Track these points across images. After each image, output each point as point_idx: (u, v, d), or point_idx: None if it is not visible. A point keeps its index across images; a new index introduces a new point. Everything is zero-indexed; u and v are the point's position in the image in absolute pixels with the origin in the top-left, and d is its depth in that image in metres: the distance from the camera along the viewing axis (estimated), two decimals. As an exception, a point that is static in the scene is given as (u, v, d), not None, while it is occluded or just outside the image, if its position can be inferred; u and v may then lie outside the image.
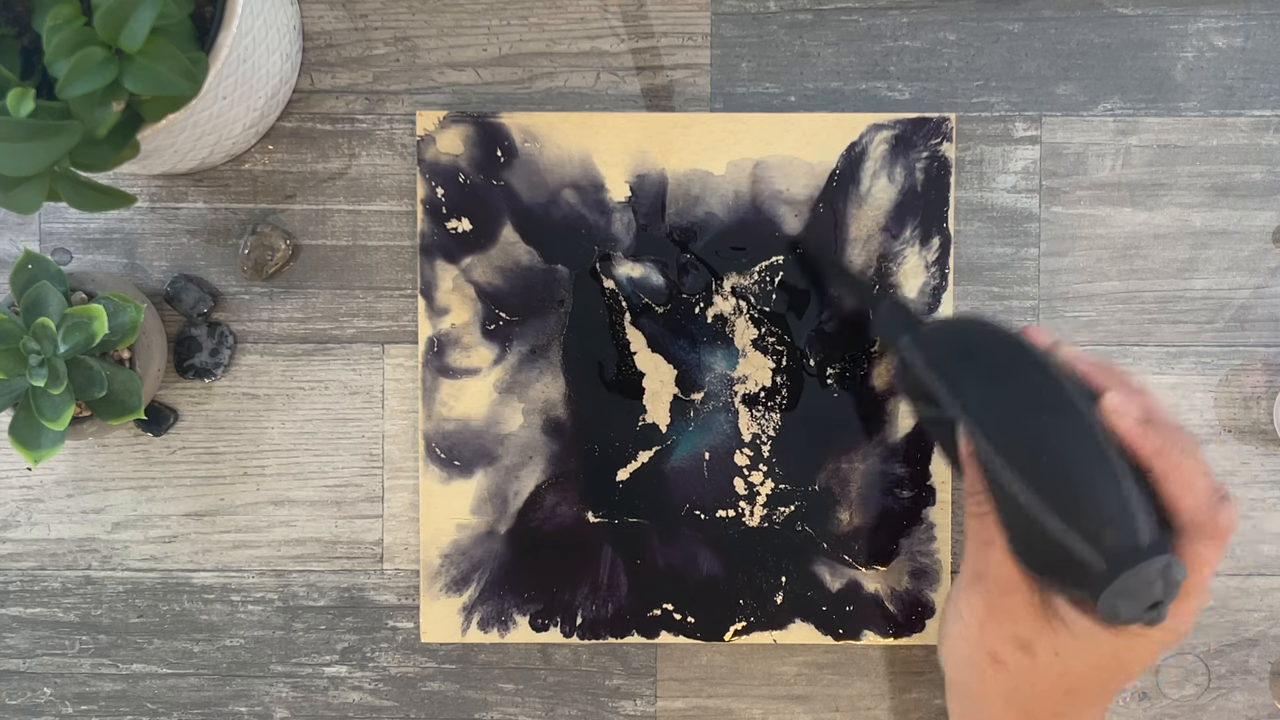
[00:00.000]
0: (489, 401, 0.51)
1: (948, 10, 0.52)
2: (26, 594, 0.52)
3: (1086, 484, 0.39)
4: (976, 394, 0.43)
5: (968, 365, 0.44)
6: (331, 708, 0.53)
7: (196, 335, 0.52)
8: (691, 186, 0.51)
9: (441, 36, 0.52)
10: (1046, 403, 0.41)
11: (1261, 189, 0.52)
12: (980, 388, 0.43)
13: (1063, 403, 0.40)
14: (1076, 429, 0.40)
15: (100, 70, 0.38)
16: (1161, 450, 0.39)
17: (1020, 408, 0.41)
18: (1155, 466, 0.39)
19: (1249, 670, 0.52)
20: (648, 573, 0.51)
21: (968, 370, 0.43)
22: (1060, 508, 0.39)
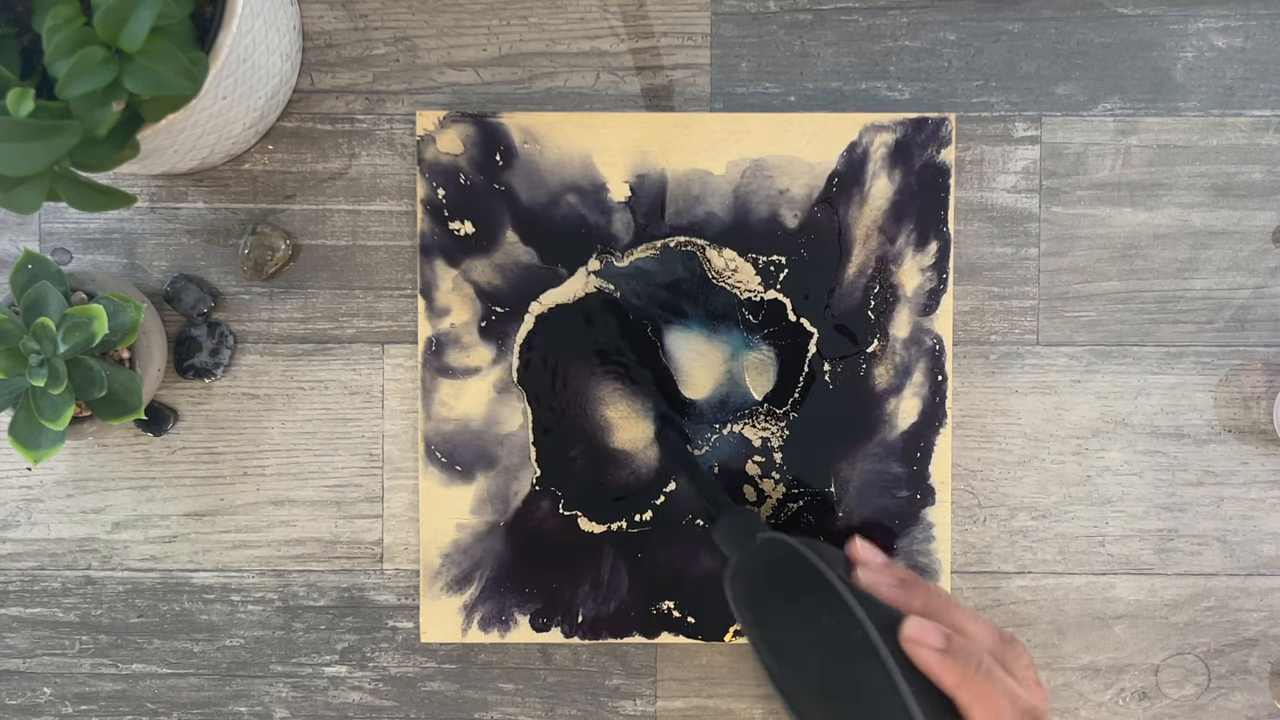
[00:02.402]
0: (488, 401, 0.51)
1: (948, 10, 0.52)
2: (26, 594, 0.52)
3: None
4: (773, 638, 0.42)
5: (771, 604, 0.43)
6: (331, 708, 0.53)
7: (196, 335, 0.52)
8: (691, 186, 0.51)
9: (441, 36, 0.52)
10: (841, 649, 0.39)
11: (1261, 189, 0.52)
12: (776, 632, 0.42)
13: (857, 647, 0.39)
14: (870, 675, 0.38)
15: (100, 70, 0.38)
16: (963, 681, 0.38)
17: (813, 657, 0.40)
18: (960, 699, 0.38)
19: (1249, 670, 0.52)
20: (649, 571, 0.51)
21: (770, 609, 0.42)
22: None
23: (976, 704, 0.38)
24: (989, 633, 0.41)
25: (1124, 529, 0.52)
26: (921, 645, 0.39)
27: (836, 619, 0.40)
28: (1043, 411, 0.52)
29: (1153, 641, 0.52)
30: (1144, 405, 0.52)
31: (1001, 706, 0.38)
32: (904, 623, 0.39)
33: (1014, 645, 0.41)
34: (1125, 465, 0.52)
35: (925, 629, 0.39)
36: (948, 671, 0.38)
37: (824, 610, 0.40)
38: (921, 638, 0.39)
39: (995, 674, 0.38)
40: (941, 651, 0.38)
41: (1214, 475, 0.52)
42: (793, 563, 0.43)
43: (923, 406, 0.51)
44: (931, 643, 0.39)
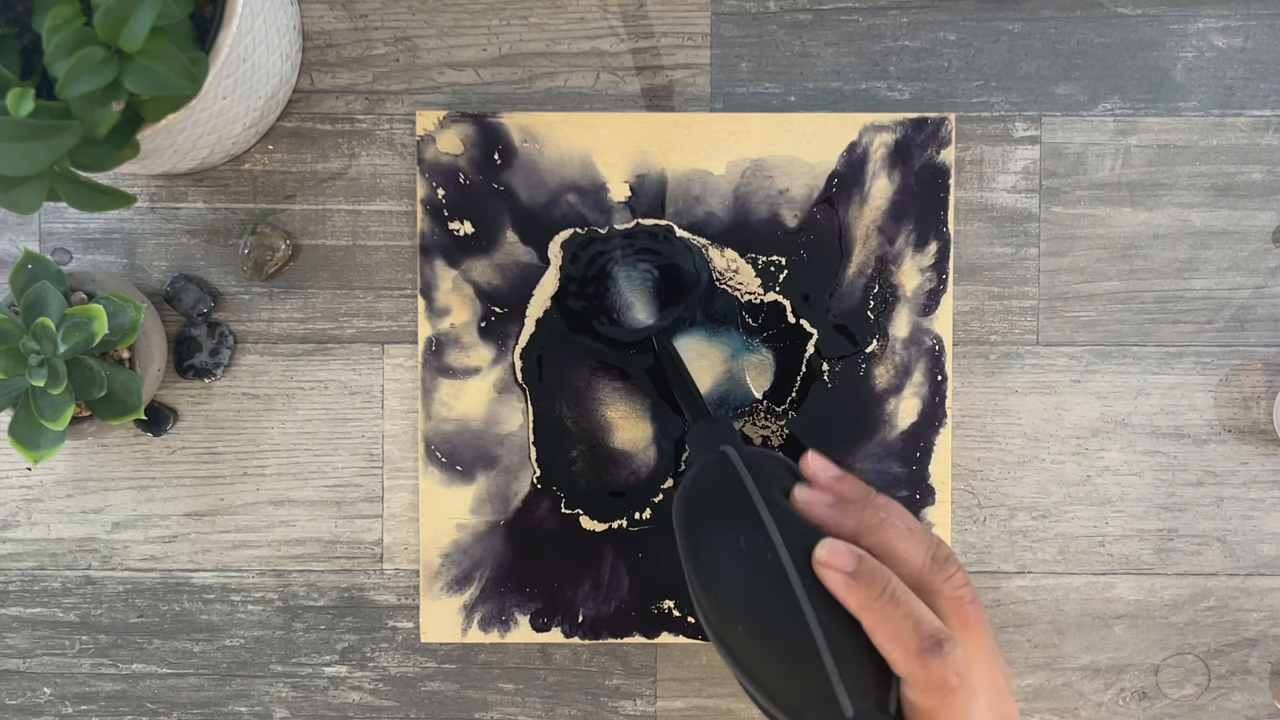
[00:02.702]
0: (488, 401, 0.51)
1: (948, 10, 0.52)
2: (26, 594, 0.52)
3: (786, 660, 0.37)
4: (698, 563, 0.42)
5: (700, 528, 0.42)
6: (331, 708, 0.53)
7: (196, 335, 0.52)
8: (691, 186, 0.51)
9: (441, 36, 0.52)
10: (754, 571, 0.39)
11: (1261, 189, 0.52)
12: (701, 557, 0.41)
13: (768, 569, 0.39)
14: (779, 597, 0.38)
15: (100, 70, 0.38)
16: (866, 603, 0.37)
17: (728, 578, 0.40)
18: (864, 622, 0.37)
19: (1249, 670, 0.52)
20: (649, 570, 0.51)
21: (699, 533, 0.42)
22: (764, 685, 0.38)
23: (878, 628, 0.37)
24: (919, 552, 0.40)
25: (1124, 529, 0.52)
26: (830, 568, 0.38)
27: (754, 542, 0.39)
28: (1043, 411, 0.52)
29: (1153, 641, 0.52)
30: (1144, 405, 0.52)
31: (902, 630, 0.37)
32: (819, 545, 0.39)
33: (945, 566, 0.40)
34: (1125, 465, 0.52)
35: (835, 552, 0.38)
36: (851, 595, 0.37)
37: (744, 533, 0.40)
38: (830, 560, 0.38)
39: (900, 597, 0.37)
40: (849, 574, 0.38)
41: (1214, 475, 0.52)
42: (727, 482, 0.42)
43: (922, 406, 0.51)
44: (839, 565, 0.38)
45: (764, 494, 0.41)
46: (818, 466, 0.43)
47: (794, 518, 0.40)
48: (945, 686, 0.36)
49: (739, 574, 0.39)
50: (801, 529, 0.40)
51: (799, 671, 0.37)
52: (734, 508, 0.41)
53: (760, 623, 0.38)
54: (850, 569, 0.38)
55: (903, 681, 0.37)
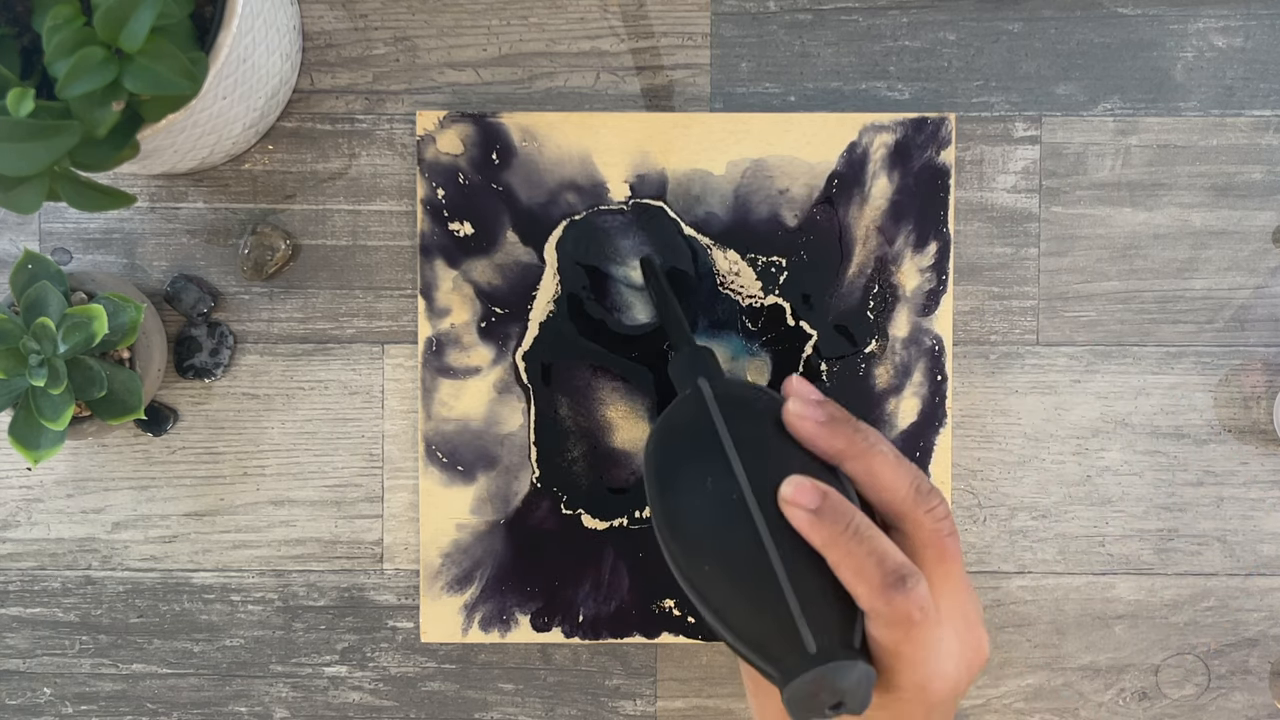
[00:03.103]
0: (488, 401, 0.51)
1: (948, 10, 0.52)
2: (26, 594, 0.52)
3: (750, 598, 0.37)
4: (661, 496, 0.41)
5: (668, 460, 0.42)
6: (331, 708, 0.53)
7: (196, 335, 0.52)
8: (691, 186, 0.51)
9: (441, 36, 0.52)
10: (719, 509, 0.38)
11: (1261, 189, 0.52)
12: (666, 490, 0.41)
13: (733, 507, 0.38)
14: (743, 535, 0.38)
15: (100, 70, 0.38)
16: (830, 539, 0.37)
17: (694, 517, 0.39)
18: (829, 558, 0.37)
19: (1249, 670, 0.52)
20: (649, 570, 0.51)
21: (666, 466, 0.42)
22: (730, 623, 0.38)
23: (842, 563, 0.37)
24: (904, 481, 0.39)
25: (1124, 529, 0.52)
26: (795, 505, 0.37)
27: (720, 480, 0.39)
28: (1043, 411, 0.52)
29: (1153, 641, 0.52)
30: (1144, 405, 0.52)
31: (866, 565, 0.36)
32: (784, 482, 0.38)
33: (929, 497, 0.39)
34: (1125, 465, 0.52)
35: (800, 488, 0.38)
36: (815, 532, 0.37)
37: (710, 471, 0.39)
38: (795, 497, 0.37)
39: (864, 533, 0.37)
40: (814, 511, 0.37)
41: (1214, 475, 0.52)
42: (697, 418, 0.42)
43: (922, 406, 0.51)
44: (804, 502, 0.37)
45: (733, 430, 0.40)
46: (803, 389, 0.42)
47: (761, 453, 0.40)
48: (908, 620, 0.36)
49: (705, 513, 0.39)
50: (768, 465, 0.39)
51: (763, 608, 0.37)
52: (701, 445, 0.40)
53: (726, 562, 0.38)
54: (814, 506, 0.37)
55: (867, 616, 0.37)
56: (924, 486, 0.39)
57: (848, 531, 0.37)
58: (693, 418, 0.42)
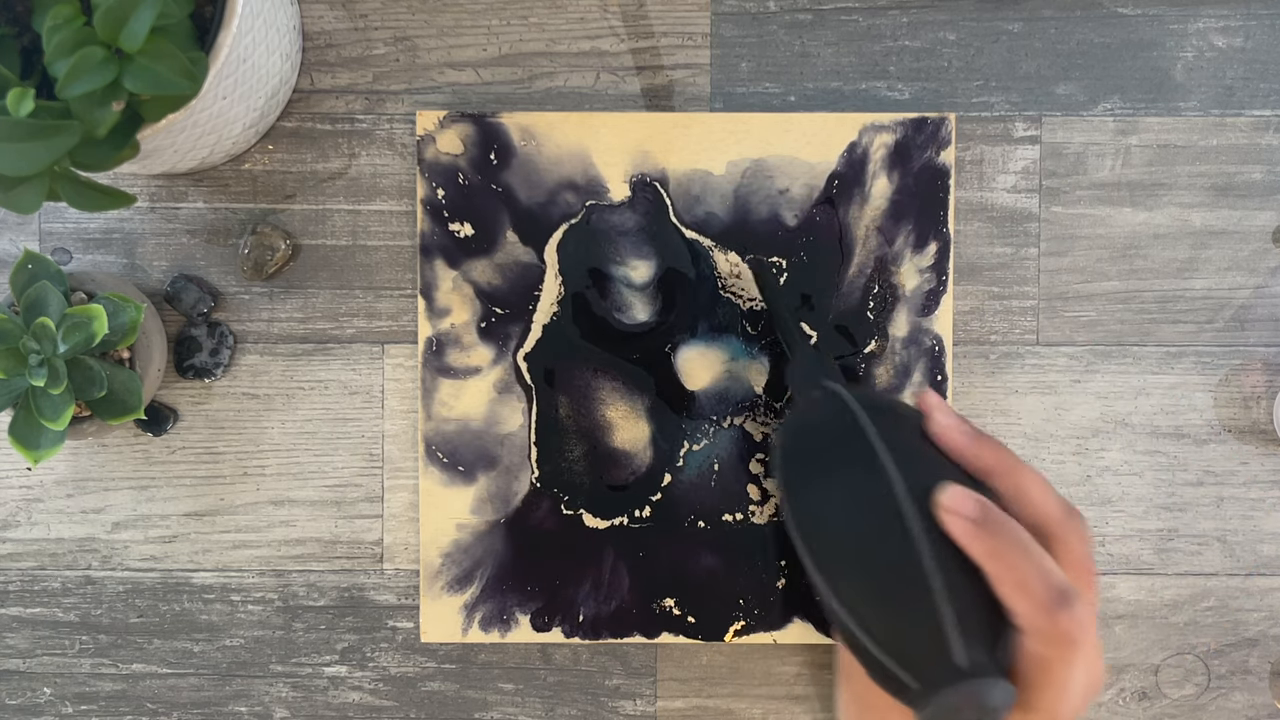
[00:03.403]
0: (488, 401, 0.51)
1: (948, 10, 0.52)
2: (26, 594, 0.52)
3: (898, 604, 0.36)
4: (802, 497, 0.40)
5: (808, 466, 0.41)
6: (331, 708, 0.53)
7: (196, 335, 0.52)
8: (691, 186, 0.51)
9: (441, 36, 0.52)
10: (867, 510, 0.38)
11: (1261, 189, 0.52)
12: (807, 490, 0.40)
13: (884, 509, 0.37)
14: (894, 539, 0.36)
15: (100, 70, 0.38)
16: (993, 551, 0.36)
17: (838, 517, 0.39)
18: (988, 570, 0.36)
19: (1249, 670, 0.52)
20: (649, 569, 0.51)
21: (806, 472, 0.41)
22: (871, 629, 0.37)
23: (1004, 578, 0.36)
24: (1054, 500, 0.38)
25: (1124, 529, 0.52)
26: (954, 513, 0.36)
27: (869, 478, 0.38)
28: (1043, 411, 0.52)
29: (1153, 641, 0.52)
30: (1144, 405, 0.52)
31: (1029, 581, 0.35)
32: (940, 489, 0.37)
33: (1073, 519, 0.38)
34: (1125, 465, 0.52)
35: (960, 496, 0.36)
36: (977, 543, 0.36)
37: (859, 472, 0.38)
38: (955, 505, 0.36)
39: (1029, 548, 0.36)
40: (975, 521, 0.36)
41: (1214, 475, 0.52)
42: (841, 419, 0.40)
43: (923, 406, 0.51)
44: (965, 511, 0.36)
45: (879, 429, 0.39)
46: (938, 403, 0.41)
47: (912, 458, 0.39)
48: (1069, 640, 0.35)
49: (851, 514, 0.38)
50: (920, 471, 0.38)
51: (911, 616, 0.36)
52: (848, 446, 0.39)
53: (873, 565, 0.37)
54: (975, 515, 0.36)
55: (1022, 633, 0.36)
56: (1072, 508, 0.39)
57: (1013, 544, 0.36)
58: (835, 419, 0.41)
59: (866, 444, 0.39)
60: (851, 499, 0.38)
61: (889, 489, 0.37)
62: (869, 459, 0.39)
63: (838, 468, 0.40)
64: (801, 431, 0.43)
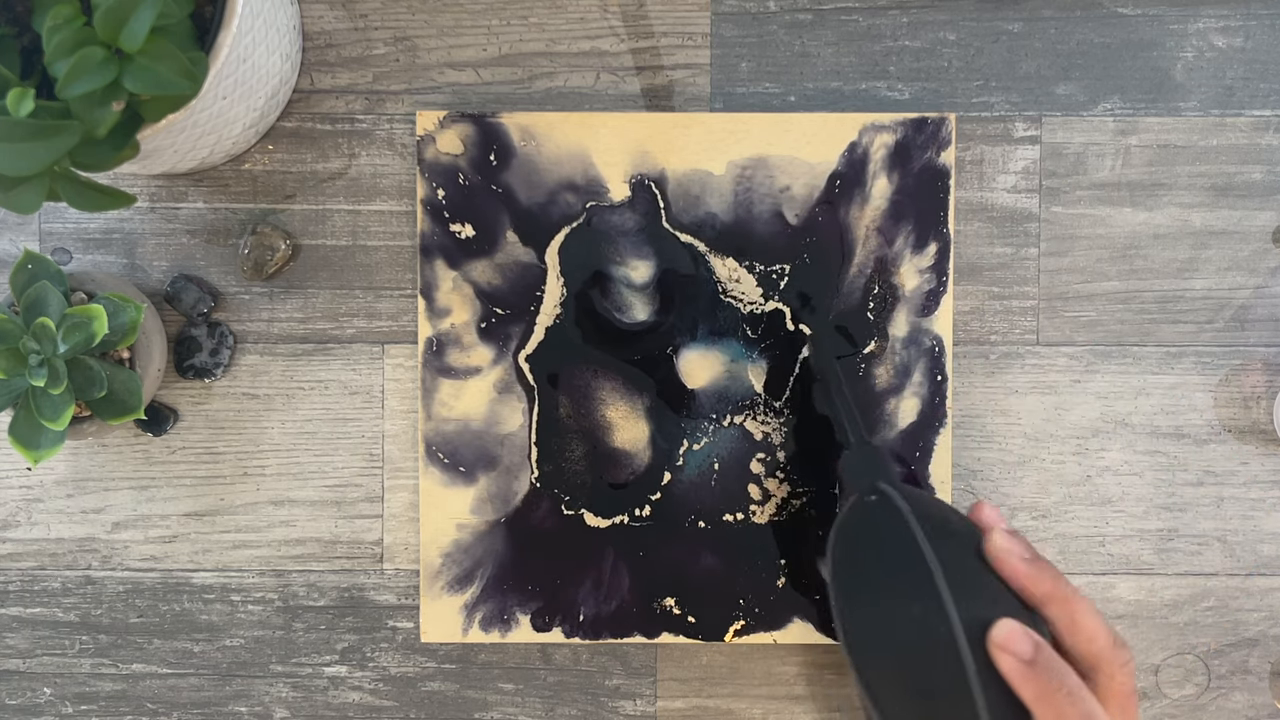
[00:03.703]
0: (488, 401, 0.51)
1: (948, 10, 0.52)
2: (26, 594, 0.52)
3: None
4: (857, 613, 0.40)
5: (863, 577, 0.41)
6: (331, 708, 0.53)
7: (196, 335, 0.52)
8: (691, 186, 0.51)
9: (441, 36, 0.52)
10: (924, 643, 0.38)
11: (1261, 189, 0.52)
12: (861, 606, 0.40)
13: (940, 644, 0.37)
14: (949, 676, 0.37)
15: (100, 70, 0.38)
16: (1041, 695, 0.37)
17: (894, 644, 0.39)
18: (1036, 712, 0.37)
19: (1249, 670, 0.52)
20: (650, 568, 0.51)
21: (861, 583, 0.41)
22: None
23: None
24: (1104, 631, 0.39)
25: (1124, 529, 0.52)
26: (1007, 652, 0.37)
27: (925, 608, 0.38)
28: (1043, 411, 0.52)
29: (1153, 641, 0.52)
30: (1144, 405, 0.52)
31: None
32: (995, 625, 0.37)
33: (1121, 652, 0.39)
34: (1125, 465, 0.52)
35: (1014, 635, 0.37)
36: (1028, 684, 0.37)
37: (915, 595, 0.38)
38: (1009, 644, 0.37)
39: (1078, 695, 0.37)
40: (1027, 663, 0.37)
41: (1214, 475, 0.52)
42: (895, 531, 0.40)
43: (922, 406, 0.51)
44: (1018, 651, 0.37)
45: (938, 554, 0.39)
46: (994, 518, 0.42)
47: (969, 585, 0.39)
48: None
49: (906, 642, 0.38)
50: (978, 601, 0.38)
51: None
52: (903, 565, 0.39)
53: (924, 695, 0.38)
54: (1028, 656, 0.37)
55: None
56: (1119, 638, 0.39)
57: (1062, 690, 0.37)
58: (889, 529, 0.41)
59: (924, 568, 0.39)
60: (906, 626, 0.39)
61: (945, 621, 0.38)
62: (926, 585, 0.39)
63: (893, 589, 0.40)
64: (857, 541, 0.42)
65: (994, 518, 0.42)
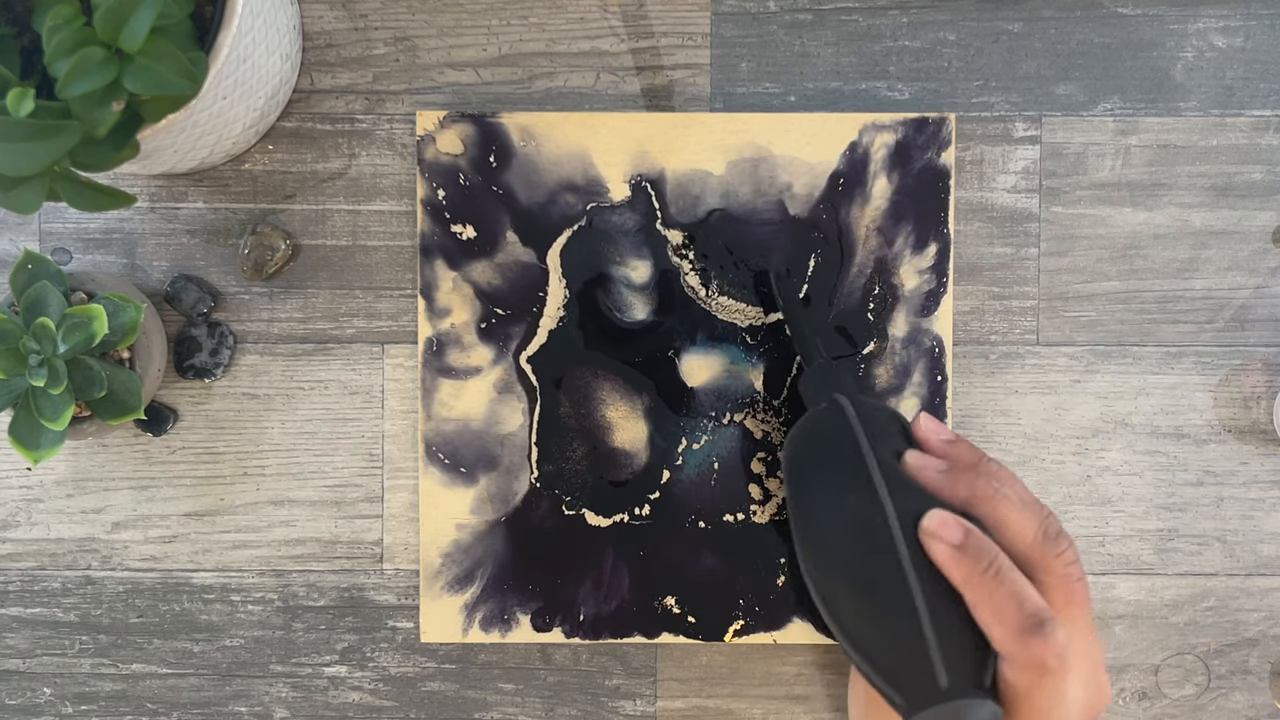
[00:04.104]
0: (489, 401, 0.51)
1: (948, 10, 0.52)
2: (26, 594, 0.52)
3: (886, 626, 0.38)
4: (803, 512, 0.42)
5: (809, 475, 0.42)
6: (331, 708, 0.53)
7: (196, 335, 0.52)
8: (691, 186, 0.51)
9: (441, 36, 0.52)
10: (861, 533, 0.39)
11: (1261, 189, 0.52)
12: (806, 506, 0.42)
13: (876, 533, 0.39)
14: (884, 562, 0.38)
15: (100, 70, 0.38)
16: (971, 577, 0.37)
17: (835, 536, 0.40)
18: (967, 596, 0.37)
19: (1249, 670, 0.52)
20: (650, 568, 0.51)
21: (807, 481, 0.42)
22: (861, 646, 0.39)
23: (980, 603, 0.37)
24: (1032, 525, 0.39)
25: (1124, 529, 0.52)
26: (936, 539, 0.38)
27: (863, 502, 0.40)
28: (1043, 411, 0.52)
29: (1153, 641, 0.52)
30: (1144, 405, 0.52)
31: (1005, 607, 0.37)
32: (926, 514, 0.39)
33: (1057, 541, 0.39)
34: (1125, 465, 0.52)
35: (944, 523, 0.38)
36: (957, 568, 0.37)
37: (854, 491, 0.40)
38: (938, 531, 0.38)
39: (1005, 574, 0.37)
40: (956, 547, 0.37)
41: (1214, 475, 0.52)
42: (839, 433, 0.42)
43: (922, 406, 0.51)
44: (947, 537, 0.38)
45: (876, 453, 0.41)
46: (930, 429, 0.43)
47: (905, 481, 0.40)
48: (1043, 667, 0.36)
49: (845, 534, 0.40)
50: (912, 494, 0.40)
51: (898, 638, 0.37)
52: (845, 463, 0.41)
53: (862, 585, 0.39)
54: (957, 541, 0.38)
55: (1000, 658, 0.37)
56: (1052, 529, 0.39)
57: (989, 571, 0.37)
58: (835, 433, 0.43)
59: (862, 461, 0.41)
60: (846, 518, 0.40)
61: (881, 511, 0.39)
62: (864, 478, 0.40)
63: (836, 484, 0.41)
64: (804, 441, 0.44)
65: (926, 429, 0.43)
